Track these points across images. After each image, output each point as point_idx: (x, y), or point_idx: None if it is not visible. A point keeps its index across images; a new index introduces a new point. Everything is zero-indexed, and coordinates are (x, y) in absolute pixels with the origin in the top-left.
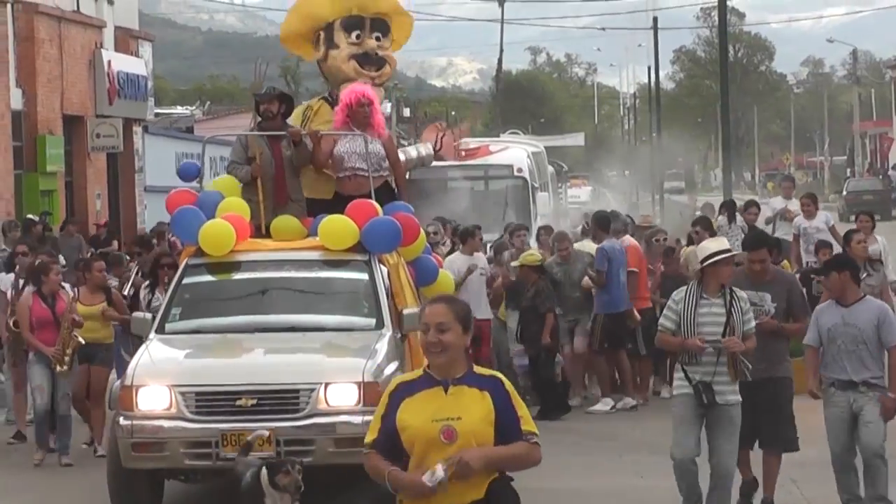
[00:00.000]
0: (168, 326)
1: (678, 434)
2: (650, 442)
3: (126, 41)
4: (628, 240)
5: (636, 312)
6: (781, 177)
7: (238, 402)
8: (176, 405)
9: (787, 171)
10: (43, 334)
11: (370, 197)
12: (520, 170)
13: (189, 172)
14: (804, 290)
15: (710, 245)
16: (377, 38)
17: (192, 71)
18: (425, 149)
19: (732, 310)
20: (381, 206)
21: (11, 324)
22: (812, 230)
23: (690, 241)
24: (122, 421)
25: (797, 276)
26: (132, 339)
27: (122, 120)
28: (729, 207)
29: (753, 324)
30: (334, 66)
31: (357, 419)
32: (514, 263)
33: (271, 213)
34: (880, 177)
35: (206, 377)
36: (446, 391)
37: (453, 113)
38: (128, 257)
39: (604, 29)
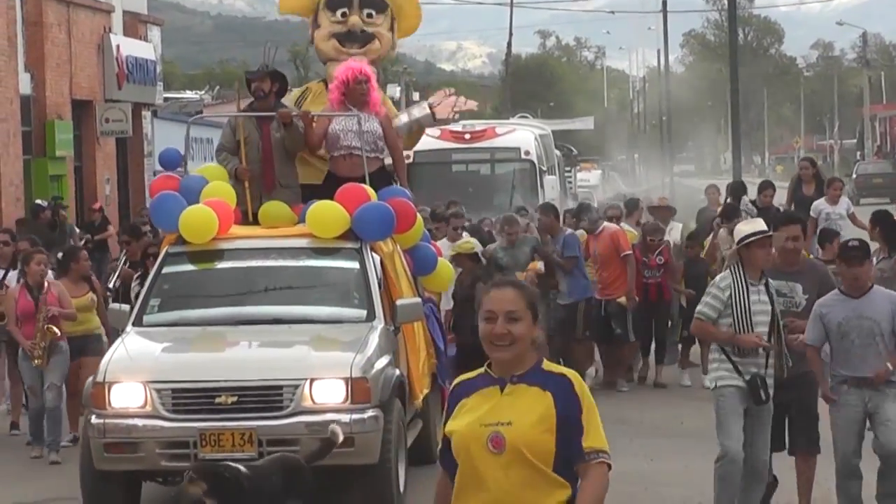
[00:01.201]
0: (146, 319)
1: (728, 425)
2: (658, 426)
3: (135, 25)
4: (610, 226)
5: (627, 298)
6: (832, 178)
7: (217, 400)
8: (151, 403)
9: (797, 154)
10: (28, 327)
11: (364, 179)
12: (527, 152)
13: (170, 158)
14: None
15: (744, 227)
16: (368, 15)
17: (201, 55)
18: (419, 109)
19: (772, 298)
20: (377, 190)
21: None
22: (835, 216)
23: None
24: (94, 420)
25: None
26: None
27: (131, 105)
28: (736, 190)
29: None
30: (317, 48)
31: (345, 417)
32: (449, 252)
33: (258, 199)
34: (891, 160)
35: (183, 373)
36: (502, 390)
37: (463, 97)
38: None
39: (613, 12)
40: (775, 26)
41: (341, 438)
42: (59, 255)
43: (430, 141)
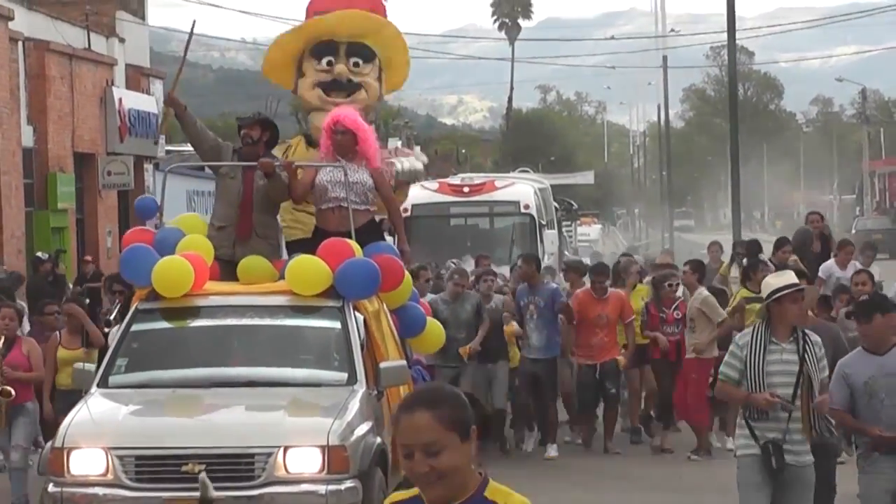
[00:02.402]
0: (112, 380)
1: (749, 501)
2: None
3: (137, 78)
4: (616, 291)
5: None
6: (843, 240)
7: (184, 468)
8: (113, 471)
9: (796, 210)
10: None
11: (351, 233)
12: (527, 206)
13: (146, 208)
14: None
15: (773, 281)
16: (355, 64)
17: (204, 108)
18: (409, 162)
19: (806, 356)
20: (365, 244)
21: None
22: (845, 281)
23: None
24: (50, 488)
25: None
26: None
27: (133, 157)
28: (752, 248)
29: (827, 372)
30: (301, 95)
31: (321, 488)
32: None
33: (231, 245)
34: (890, 216)
35: (148, 439)
36: None
37: (463, 150)
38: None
39: (614, 67)
40: (775, 82)
41: (212, 493)
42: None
43: (428, 194)
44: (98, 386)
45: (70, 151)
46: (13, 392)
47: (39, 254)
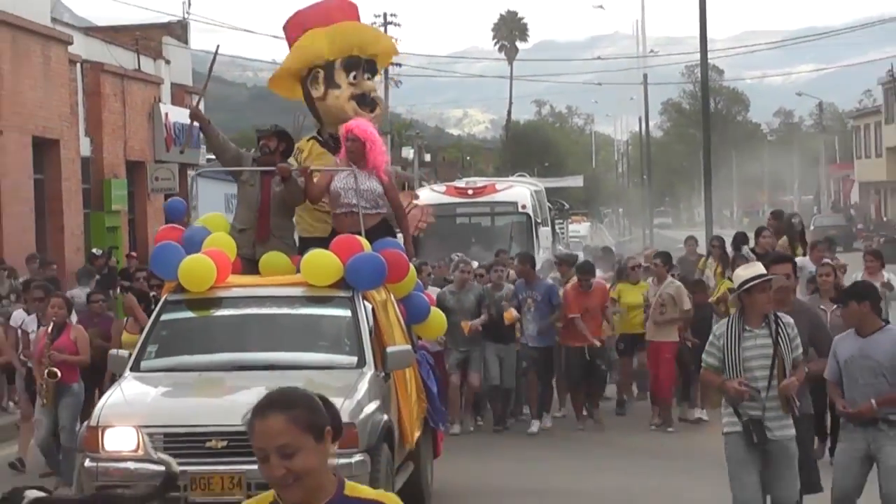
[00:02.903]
0: (143, 364)
1: (737, 476)
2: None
3: (181, 95)
4: (599, 282)
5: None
6: (814, 241)
7: (208, 444)
8: (143, 446)
9: (762, 208)
10: (42, 369)
11: (362, 234)
12: (524, 206)
13: (175, 210)
14: None
15: (743, 272)
16: (369, 79)
17: (239, 122)
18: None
19: (780, 339)
20: (376, 240)
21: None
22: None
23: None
24: (87, 463)
25: None
26: None
27: (177, 165)
28: (738, 240)
29: (801, 350)
30: (335, 106)
31: (332, 462)
32: None
33: (251, 245)
34: (843, 213)
35: (175, 417)
36: None
37: (468, 158)
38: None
39: (600, 84)
40: (742, 96)
41: (176, 469)
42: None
43: (436, 196)
44: (131, 370)
45: (122, 160)
46: (59, 373)
47: (95, 250)
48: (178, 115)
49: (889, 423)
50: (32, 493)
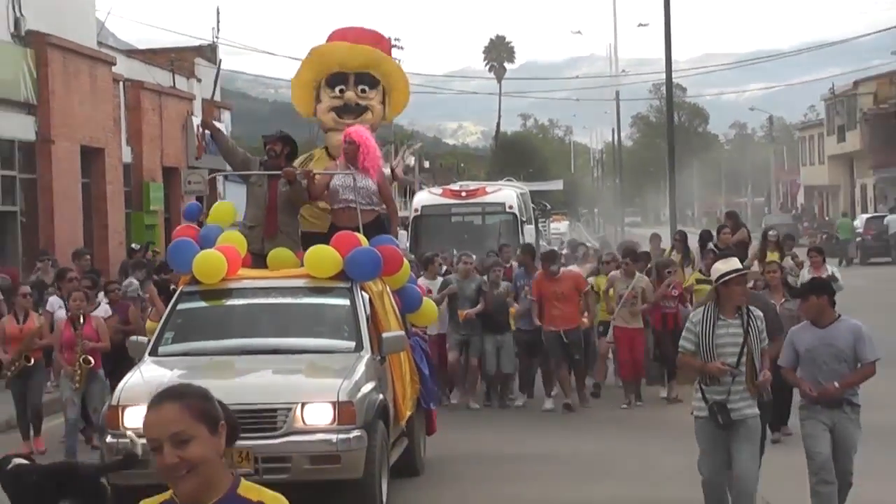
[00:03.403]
0: (161, 349)
1: (706, 457)
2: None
3: (211, 109)
4: (570, 269)
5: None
6: (811, 246)
7: None
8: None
9: (720, 209)
10: (69, 354)
11: (359, 229)
12: (511, 207)
13: (192, 211)
14: None
15: (721, 266)
16: (362, 91)
17: (261, 132)
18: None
19: (750, 329)
20: (372, 236)
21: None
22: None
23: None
24: (108, 439)
25: None
26: None
27: (207, 170)
28: (704, 237)
29: (766, 341)
30: (320, 118)
31: (332, 437)
32: None
33: (260, 241)
34: (791, 213)
35: None
36: None
37: (462, 164)
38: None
39: (578, 100)
40: (702, 111)
41: (139, 450)
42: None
43: (434, 198)
44: (149, 354)
45: (159, 166)
46: (93, 360)
47: (133, 245)
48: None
49: (851, 406)
50: (17, 460)
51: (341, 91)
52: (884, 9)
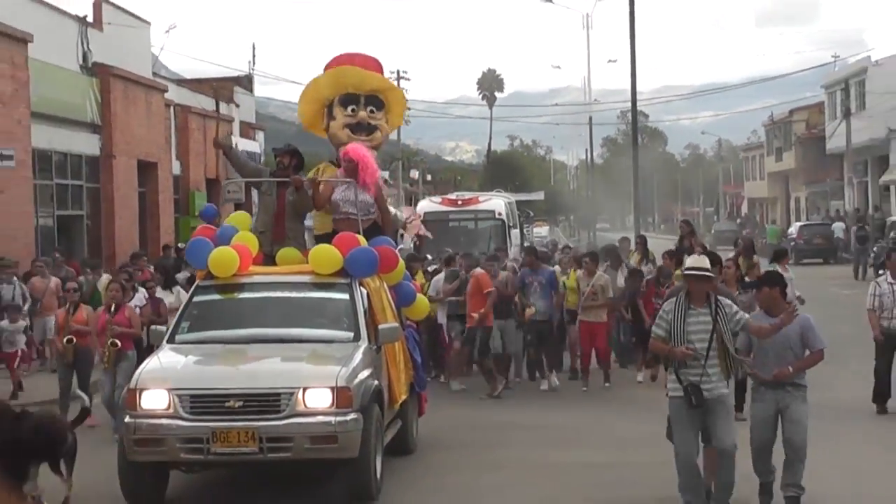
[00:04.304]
0: (177, 338)
1: (678, 432)
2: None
3: (247, 130)
4: (477, 271)
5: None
6: (742, 246)
7: (227, 404)
8: (173, 406)
9: (676, 217)
10: (103, 338)
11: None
12: (500, 214)
13: (209, 213)
14: None
15: (689, 261)
16: (371, 111)
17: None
18: (401, 214)
19: (718, 317)
20: (373, 238)
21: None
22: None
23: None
24: (127, 419)
25: None
26: None
27: (244, 181)
28: (642, 244)
29: (745, 317)
30: (333, 134)
31: (330, 419)
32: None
33: (269, 245)
34: (736, 220)
35: (200, 381)
36: None
37: (459, 178)
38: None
39: (557, 124)
40: (662, 134)
41: (87, 405)
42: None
43: (434, 205)
44: (167, 342)
45: (203, 177)
46: (119, 343)
47: (180, 244)
48: (245, 145)
49: (795, 386)
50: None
51: (353, 110)
52: (814, 49)
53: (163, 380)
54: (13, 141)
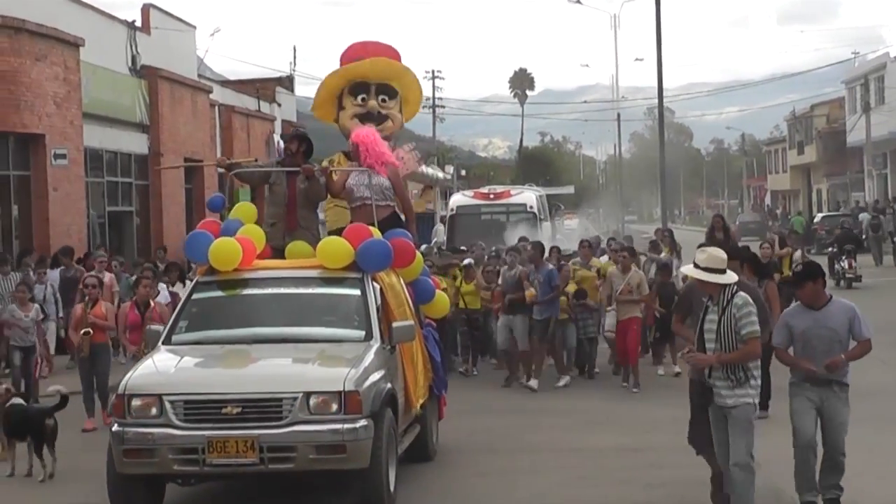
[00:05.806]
0: (174, 338)
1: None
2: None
3: (289, 129)
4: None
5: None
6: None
7: (224, 410)
8: (165, 413)
9: (701, 210)
10: (134, 335)
11: (374, 224)
12: (531, 207)
13: (215, 204)
14: None
15: (698, 257)
16: (383, 100)
17: (328, 148)
18: (432, 170)
19: (723, 317)
20: (386, 231)
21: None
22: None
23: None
24: (115, 427)
25: None
26: None
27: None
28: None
29: (753, 328)
30: (343, 125)
31: (338, 426)
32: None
33: (281, 236)
34: (759, 213)
35: (194, 386)
36: None
37: (492, 173)
38: None
39: (586, 120)
40: (687, 129)
41: (65, 391)
42: None
43: (467, 199)
44: (163, 343)
45: None
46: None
47: None
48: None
49: (840, 385)
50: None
51: (363, 100)
52: (834, 46)
53: (154, 384)
54: (66, 140)
